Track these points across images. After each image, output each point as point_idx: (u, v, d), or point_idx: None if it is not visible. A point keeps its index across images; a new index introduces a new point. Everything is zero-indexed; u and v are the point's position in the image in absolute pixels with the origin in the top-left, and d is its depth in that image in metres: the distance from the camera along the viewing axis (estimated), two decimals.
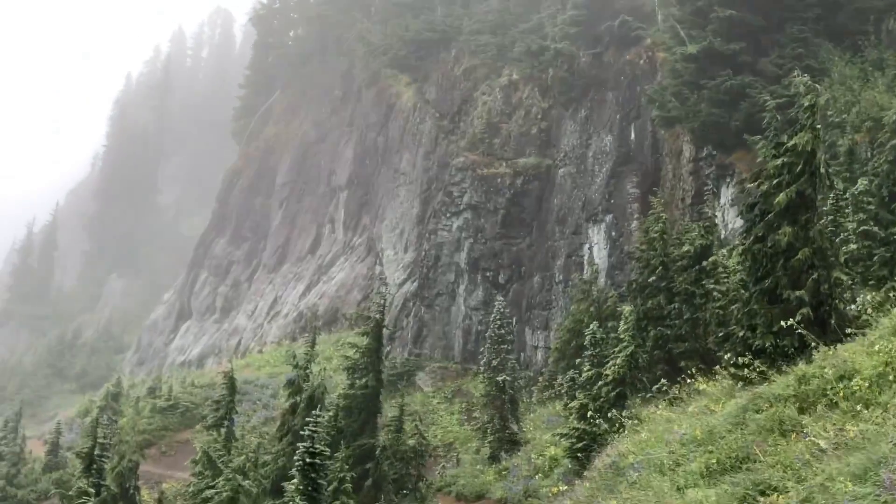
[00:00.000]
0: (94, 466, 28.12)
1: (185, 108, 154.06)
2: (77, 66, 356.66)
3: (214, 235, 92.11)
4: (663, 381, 26.38)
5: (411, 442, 36.83)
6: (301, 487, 22.67)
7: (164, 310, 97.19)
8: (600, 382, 28.96)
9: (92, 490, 27.33)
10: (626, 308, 33.17)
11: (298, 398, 33.46)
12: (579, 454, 27.16)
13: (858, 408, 12.90)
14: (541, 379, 50.29)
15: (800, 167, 20.05)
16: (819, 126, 20.64)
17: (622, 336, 29.84)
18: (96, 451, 28.83)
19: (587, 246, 56.35)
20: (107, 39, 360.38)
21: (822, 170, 20.49)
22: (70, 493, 30.34)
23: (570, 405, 34.22)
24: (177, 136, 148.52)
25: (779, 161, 20.61)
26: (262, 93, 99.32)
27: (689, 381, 24.37)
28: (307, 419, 27.28)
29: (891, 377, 13.55)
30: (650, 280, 30.18)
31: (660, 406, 23.82)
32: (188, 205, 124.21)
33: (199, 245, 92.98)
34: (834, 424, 12.96)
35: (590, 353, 32.95)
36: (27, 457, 56.69)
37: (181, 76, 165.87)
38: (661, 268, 29.73)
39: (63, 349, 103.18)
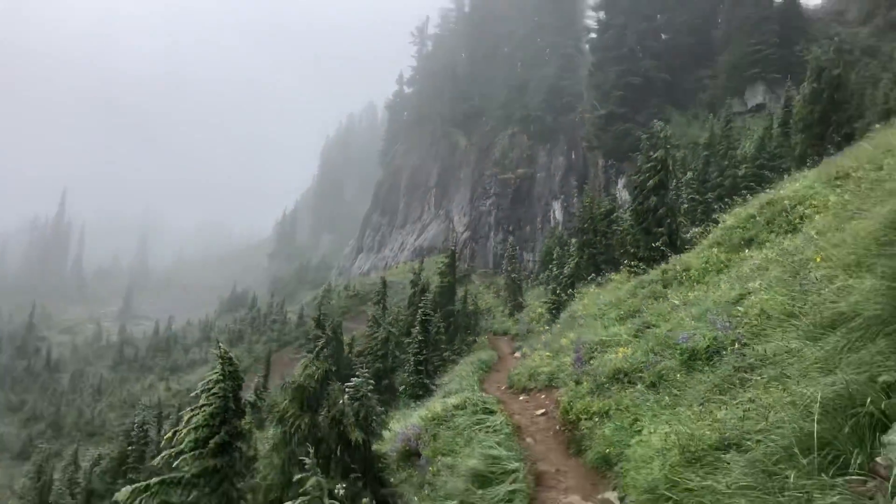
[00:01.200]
0: (321, 322, 34.73)
1: (357, 149, 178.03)
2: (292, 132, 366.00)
3: (372, 211, 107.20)
4: (593, 275, 30.62)
5: (471, 307, 43.15)
6: (420, 331, 28.22)
7: (349, 250, 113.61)
8: (562, 276, 35.81)
9: (321, 334, 32.85)
10: (573, 240, 39.07)
11: (417, 288, 41.14)
12: (553, 311, 32.04)
13: (694, 285, 15.94)
14: (531, 276, 58.91)
15: (659, 167, 25.53)
16: (668, 146, 25.90)
17: (572, 252, 36.61)
18: (321, 316, 35.88)
19: (551, 211, 66.55)
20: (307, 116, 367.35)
21: (670, 168, 26.29)
22: (309, 336, 37.21)
23: (547, 288, 40.12)
24: (353, 165, 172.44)
25: (649, 164, 25.92)
26: (392, 140, 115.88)
27: (606, 275, 28.50)
28: (421, 297, 34.84)
29: (709, 269, 16.63)
30: (584, 225, 35.33)
31: (591, 288, 27.05)
32: (362, 199, 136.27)
33: (365, 217, 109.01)
34: (681, 293, 15.90)
35: (555, 262, 40.78)
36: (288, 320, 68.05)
37: (353, 135, 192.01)
38: (590, 219, 35.02)
39: (305, 270, 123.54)
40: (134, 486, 6.26)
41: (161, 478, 6.36)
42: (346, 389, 12.39)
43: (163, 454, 6.53)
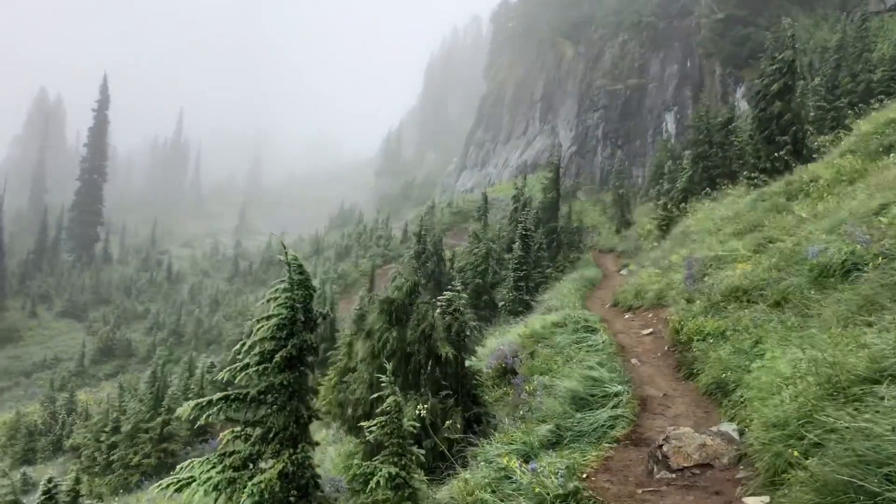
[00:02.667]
0: (421, 238, 33.69)
1: (461, 64, 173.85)
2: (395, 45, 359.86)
3: (475, 128, 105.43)
4: (707, 189, 29.44)
5: (575, 224, 42.68)
6: (520, 246, 27.13)
7: (452, 167, 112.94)
8: (673, 190, 34.06)
9: (421, 249, 33.00)
10: (687, 153, 37.16)
11: (518, 203, 39.60)
12: (663, 227, 30.75)
13: (823, 196, 14.94)
14: (640, 192, 56.90)
15: (785, 69, 23.66)
16: (795, 47, 24.06)
17: (685, 166, 34.75)
18: (422, 231, 34.74)
19: (663, 124, 63.15)
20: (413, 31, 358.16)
21: (797, 71, 24.39)
22: (409, 253, 36.32)
23: (657, 203, 38.36)
24: (456, 81, 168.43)
25: (773, 66, 24.12)
26: (497, 53, 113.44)
27: (722, 189, 27.20)
28: (522, 213, 33.75)
29: (840, 179, 15.71)
30: (700, 137, 33.28)
31: (706, 202, 26.26)
32: (466, 115, 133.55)
33: (469, 133, 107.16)
34: (808, 206, 15.02)
35: (666, 176, 39.52)
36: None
37: (457, 50, 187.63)
38: (705, 130, 32.82)
39: (410, 188, 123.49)
40: (196, 401, 5.79)
41: (225, 393, 5.88)
42: (438, 303, 11.71)
43: (226, 368, 6.01)
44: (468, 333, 11.65)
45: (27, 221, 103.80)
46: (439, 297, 11.79)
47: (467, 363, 11.73)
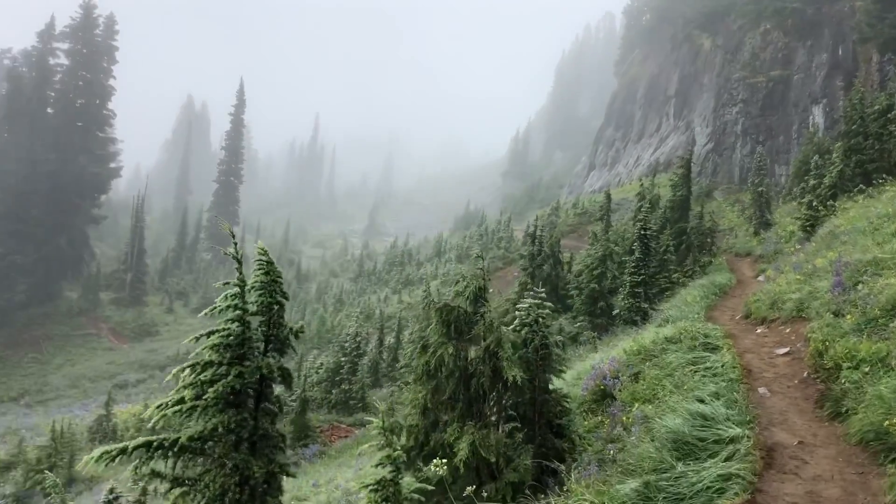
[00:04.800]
0: (536, 238, 32.58)
1: (592, 62, 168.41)
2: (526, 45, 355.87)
3: (605, 126, 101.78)
4: (861, 185, 27.31)
5: (708, 224, 38.32)
6: (640, 248, 25.18)
7: (580, 167, 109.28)
8: (820, 187, 30.71)
9: (536, 251, 31.92)
10: (837, 145, 33.90)
11: (644, 202, 37.78)
12: (807, 228, 28.24)
13: None
14: (783, 191, 51.58)
15: None
16: None
17: (834, 160, 31.63)
18: (537, 231, 33.47)
19: (810, 117, 58.08)
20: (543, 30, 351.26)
21: None
22: (524, 254, 34.77)
23: (801, 201, 33.92)
24: (587, 78, 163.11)
25: None
26: (629, 48, 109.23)
27: (879, 185, 25.13)
28: (646, 212, 30.61)
29: None
30: (853, 127, 30.83)
31: (859, 199, 24.31)
32: (595, 114, 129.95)
33: (598, 132, 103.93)
34: None
35: (813, 172, 34.14)
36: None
37: (588, 47, 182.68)
38: (859, 119, 30.40)
39: (536, 188, 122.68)
40: (104, 449, 4.22)
41: (146, 439, 4.26)
42: (518, 312, 9.75)
43: (156, 404, 4.38)
44: (554, 350, 9.62)
45: (172, 222, 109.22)
46: (518, 306, 9.85)
47: (552, 385, 9.74)
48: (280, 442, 4.57)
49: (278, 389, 4.48)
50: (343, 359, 29.11)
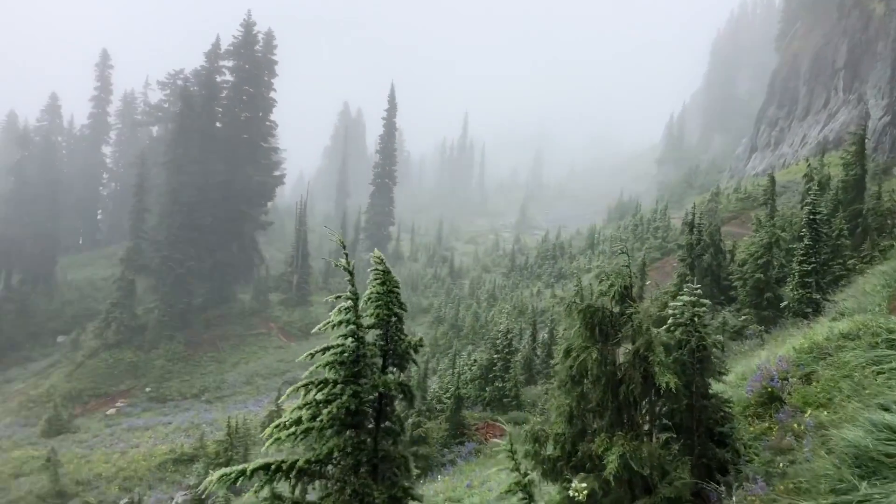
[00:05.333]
0: (695, 226, 30.40)
1: (750, 39, 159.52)
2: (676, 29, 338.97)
3: (767, 105, 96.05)
4: None
5: (887, 205, 33.53)
6: (809, 234, 22.95)
7: (741, 149, 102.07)
8: None
9: (695, 240, 29.76)
10: None
11: (812, 183, 35.79)
12: None
13: None
14: None
15: None
16: None
17: None
18: (696, 219, 31.29)
19: None
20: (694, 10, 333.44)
21: None
22: (682, 244, 31.62)
23: None
24: (745, 56, 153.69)
25: None
26: (790, 21, 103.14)
27: None
28: (815, 194, 28.45)
29: None
30: None
31: None
32: (756, 93, 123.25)
33: (759, 112, 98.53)
34: None
35: None
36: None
37: (745, 24, 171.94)
38: None
39: (694, 174, 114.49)
40: (224, 471, 4.10)
41: (265, 461, 4.08)
42: (671, 310, 9.09)
43: (273, 424, 4.21)
44: (710, 352, 8.86)
45: (333, 224, 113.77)
46: (671, 304, 9.16)
47: (712, 390, 8.97)
48: (404, 464, 4.30)
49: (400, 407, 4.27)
50: (495, 356, 28.90)
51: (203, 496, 21.29)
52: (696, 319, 8.41)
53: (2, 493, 34.73)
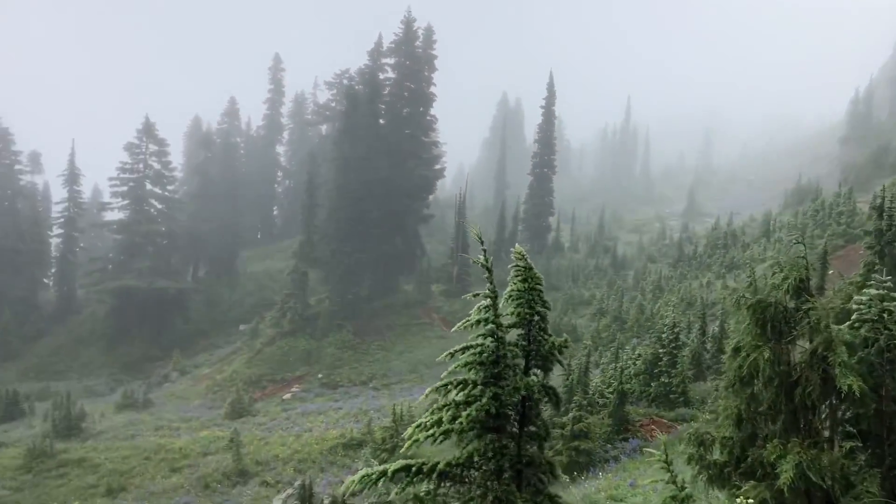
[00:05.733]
0: (885, 211, 27.44)
1: None
2: None
3: None
4: None
5: None
6: None
7: None
8: None
9: (885, 226, 27.02)
10: None
11: None
12: None
13: None
14: None
15: None
16: None
17: None
18: (886, 204, 28.09)
19: None
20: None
21: None
22: (869, 230, 29.13)
23: None
24: None
25: None
26: None
27: None
28: None
29: None
30: None
31: None
32: None
33: None
34: None
35: None
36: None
37: None
38: None
39: (883, 154, 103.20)
40: (365, 472, 4.04)
41: (405, 462, 3.98)
42: (855, 305, 8.27)
43: (415, 424, 4.09)
44: None
45: (492, 216, 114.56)
46: (856, 298, 8.33)
47: None
48: (550, 469, 4.06)
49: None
50: (661, 350, 27.84)
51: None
52: (885, 315, 7.55)
53: (192, 469, 37.61)
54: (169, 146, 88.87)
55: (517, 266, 4.26)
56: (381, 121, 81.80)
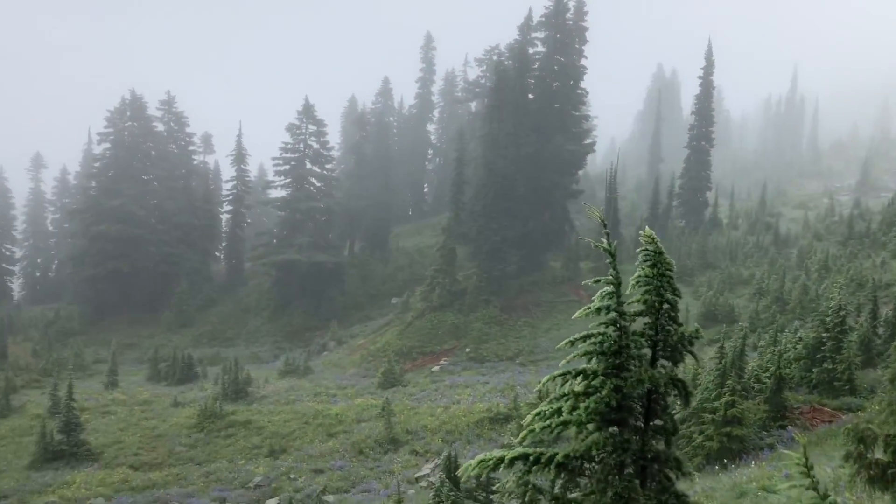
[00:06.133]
0: None
1: None
2: None
3: None
4: None
5: None
6: None
7: None
8: None
9: None
10: None
11: None
12: None
13: None
14: None
15: None
16: None
17: None
18: None
19: None
20: None
21: None
22: None
23: None
24: None
25: None
26: None
27: None
28: None
29: None
30: None
31: None
32: None
33: None
34: None
35: None
36: None
37: None
38: None
39: None
40: (482, 457, 3.95)
41: (523, 450, 3.85)
42: None
43: (535, 412, 3.94)
44: None
45: (645, 191, 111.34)
46: None
47: None
48: (677, 466, 3.79)
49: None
50: (825, 334, 26.02)
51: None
52: None
53: (347, 435, 39.39)
54: (327, 126, 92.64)
55: (646, 250, 4.00)
56: (530, 95, 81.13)
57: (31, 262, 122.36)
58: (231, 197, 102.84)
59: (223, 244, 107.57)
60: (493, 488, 18.43)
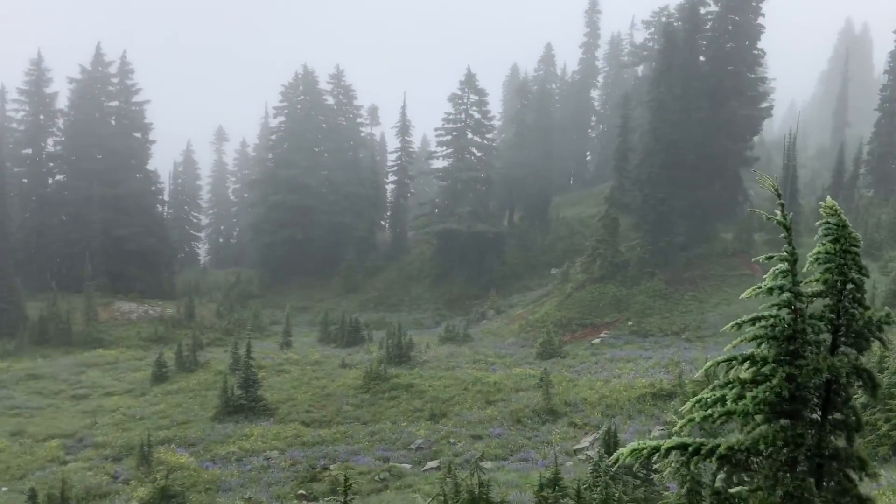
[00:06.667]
0: None
1: None
2: None
3: None
4: None
5: None
6: None
7: None
8: None
9: None
10: None
11: None
12: None
13: None
14: None
15: None
16: None
17: None
18: None
19: None
20: None
21: None
22: None
23: None
24: None
25: None
26: None
27: None
28: None
29: None
30: None
31: None
32: None
33: None
34: None
35: None
36: None
37: None
38: None
39: None
40: (636, 445, 3.68)
41: (680, 440, 3.55)
42: None
43: (695, 399, 3.62)
44: None
45: (828, 158, 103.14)
46: None
47: None
48: (860, 466, 3.34)
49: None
50: None
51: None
52: None
53: (505, 403, 39.76)
54: (488, 96, 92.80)
55: (827, 223, 3.53)
56: (702, 58, 77.01)
57: (216, 230, 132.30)
58: (395, 168, 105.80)
59: (388, 214, 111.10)
60: (654, 466, 17.87)
